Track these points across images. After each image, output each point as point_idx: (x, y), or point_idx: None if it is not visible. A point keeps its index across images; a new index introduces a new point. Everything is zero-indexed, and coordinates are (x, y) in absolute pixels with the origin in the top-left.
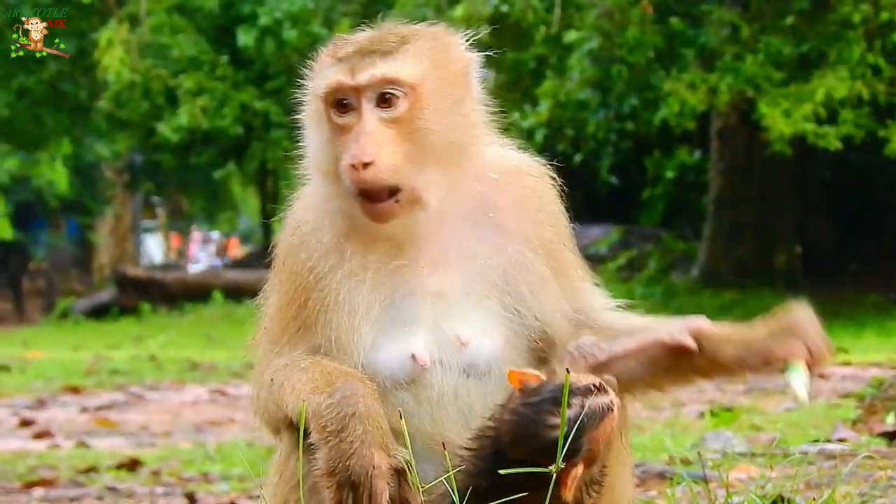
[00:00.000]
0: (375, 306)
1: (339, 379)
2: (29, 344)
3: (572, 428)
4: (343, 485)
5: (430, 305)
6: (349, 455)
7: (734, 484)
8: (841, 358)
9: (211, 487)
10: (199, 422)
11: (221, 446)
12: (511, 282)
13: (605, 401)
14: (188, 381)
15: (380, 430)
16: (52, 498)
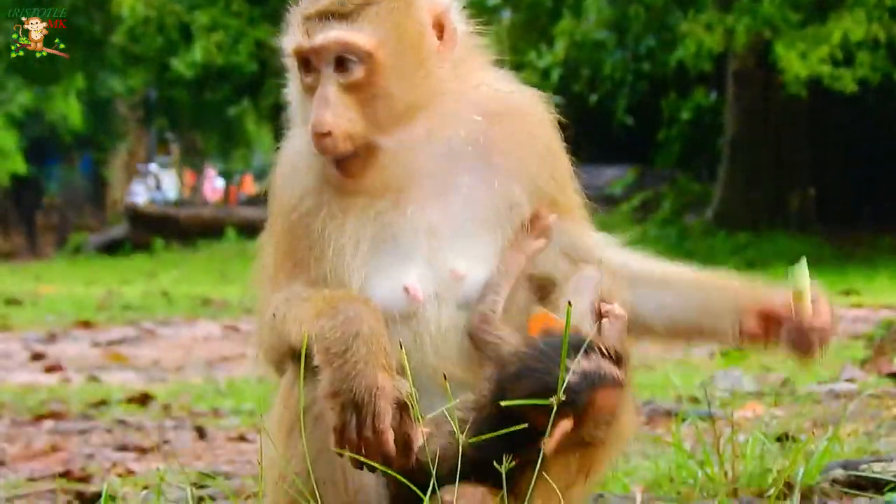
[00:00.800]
0: (367, 242)
1: (341, 302)
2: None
3: (581, 381)
4: (346, 406)
5: (423, 240)
6: (353, 376)
7: (741, 422)
8: (853, 300)
9: (221, 422)
10: (211, 357)
11: (232, 381)
12: (502, 217)
13: (616, 373)
14: (200, 317)
15: (384, 351)
16: (61, 430)
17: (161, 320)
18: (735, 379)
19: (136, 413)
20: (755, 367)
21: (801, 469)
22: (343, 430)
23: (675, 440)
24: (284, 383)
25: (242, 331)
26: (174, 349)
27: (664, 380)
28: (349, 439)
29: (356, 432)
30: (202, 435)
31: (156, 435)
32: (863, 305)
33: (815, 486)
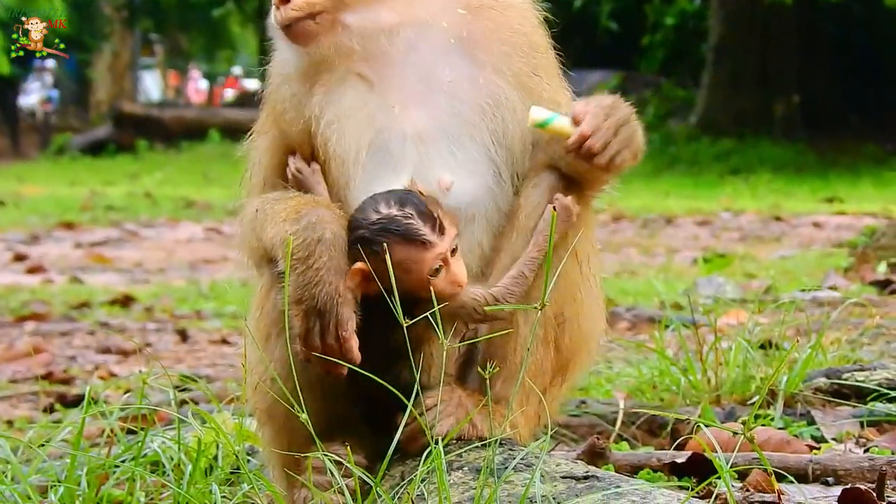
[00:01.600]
0: (360, 151)
1: (306, 206)
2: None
3: (374, 228)
4: (309, 313)
5: (412, 148)
6: (315, 283)
7: (724, 329)
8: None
9: (203, 324)
10: (194, 259)
11: (215, 284)
12: (487, 117)
13: (415, 229)
14: (183, 219)
15: (346, 256)
16: (43, 332)
17: (144, 222)
18: (718, 286)
19: (118, 315)
20: (738, 274)
21: (784, 377)
22: (307, 337)
23: (658, 347)
24: (261, 287)
25: (225, 233)
26: (157, 251)
27: (647, 286)
28: (314, 346)
29: (320, 339)
30: (184, 337)
31: (138, 337)
32: (846, 213)
33: (799, 395)
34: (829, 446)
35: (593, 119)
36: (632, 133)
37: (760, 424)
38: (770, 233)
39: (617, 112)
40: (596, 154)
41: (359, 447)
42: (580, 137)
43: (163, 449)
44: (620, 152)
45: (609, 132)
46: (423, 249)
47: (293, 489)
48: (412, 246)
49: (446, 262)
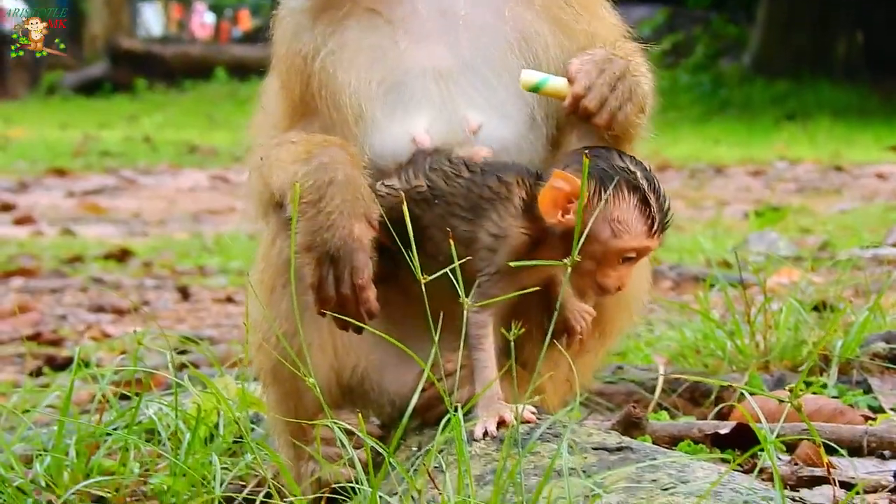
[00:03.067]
0: (374, 88)
1: (317, 146)
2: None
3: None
4: (322, 260)
5: (431, 83)
6: (326, 227)
7: (775, 289)
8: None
9: (206, 281)
10: (197, 210)
11: (220, 237)
12: (515, 53)
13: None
14: (186, 166)
15: (360, 199)
16: (31, 289)
17: (143, 169)
18: (770, 242)
19: (113, 271)
20: (793, 229)
21: (839, 342)
22: (320, 287)
23: (702, 308)
24: (266, 236)
25: (232, 181)
26: (157, 200)
27: (693, 242)
28: (327, 297)
29: (334, 289)
30: (185, 295)
31: (135, 295)
32: None
33: (854, 361)
34: (887, 417)
35: (585, 78)
36: (631, 87)
37: (811, 392)
38: (829, 184)
39: (612, 66)
40: (594, 113)
41: (373, 415)
42: (574, 98)
43: (159, 416)
44: (621, 108)
45: (604, 88)
46: (641, 225)
47: (300, 460)
48: (638, 214)
49: (636, 259)
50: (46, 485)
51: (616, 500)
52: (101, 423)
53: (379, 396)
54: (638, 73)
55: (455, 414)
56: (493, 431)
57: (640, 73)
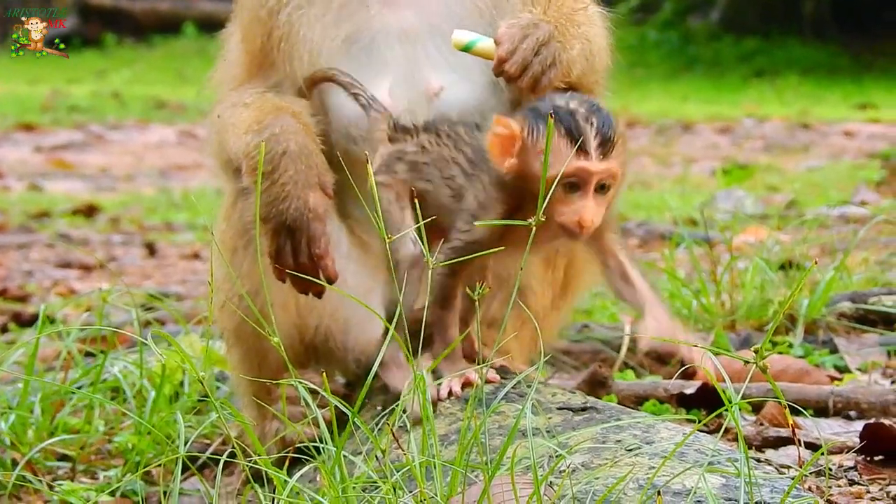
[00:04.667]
0: (337, 46)
1: (268, 115)
2: None
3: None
4: (279, 231)
5: (396, 46)
6: (282, 198)
7: (742, 248)
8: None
9: (174, 237)
10: (165, 166)
11: (188, 193)
12: (484, 18)
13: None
14: (154, 121)
15: (314, 168)
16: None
17: (111, 124)
18: (737, 200)
19: (80, 226)
20: (760, 187)
21: (804, 301)
22: (279, 256)
23: (668, 266)
24: (228, 197)
25: (200, 137)
26: (125, 156)
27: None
28: (286, 266)
29: (292, 258)
30: (152, 252)
31: (102, 251)
32: (881, 121)
33: (821, 320)
34: (853, 377)
35: (509, 42)
36: (555, 52)
37: (777, 352)
38: (797, 142)
39: (536, 31)
40: (516, 77)
41: (339, 373)
42: (499, 61)
43: (124, 374)
44: (544, 72)
45: (527, 53)
46: (567, 149)
47: (264, 419)
48: (564, 139)
49: (584, 188)
50: (11, 443)
51: (580, 461)
52: (66, 381)
53: (344, 355)
54: (566, 40)
55: (419, 372)
56: (457, 391)
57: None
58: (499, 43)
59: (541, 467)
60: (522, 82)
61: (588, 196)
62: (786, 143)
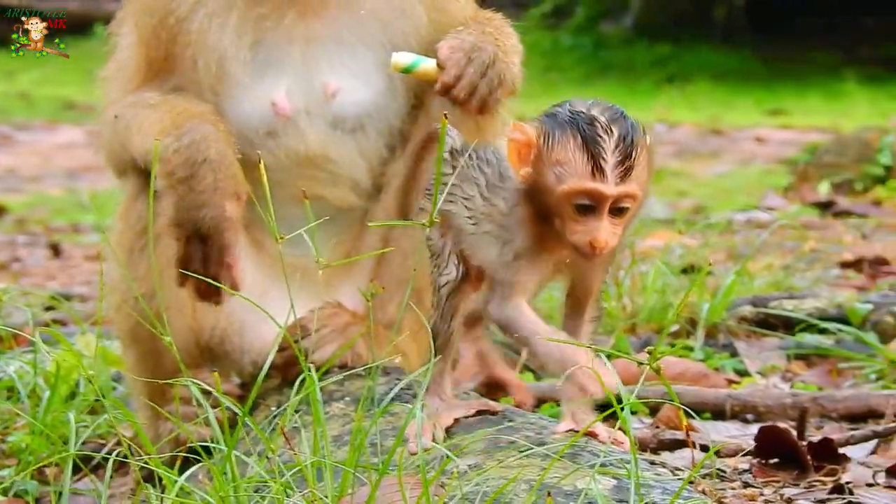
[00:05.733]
0: (242, 49)
1: (187, 121)
2: None
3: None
4: (191, 237)
5: (298, 51)
6: (199, 205)
7: (648, 251)
8: (781, 120)
9: (79, 238)
10: (73, 167)
11: (96, 194)
12: (388, 29)
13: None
14: (63, 122)
15: (232, 178)
16: None
17: (19, 124)
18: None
19: None
20: (669, 192)
21: (705, 305)
22: (186, 262)
23: None
24: (125, 198)
25: None
26: (32, 156)
27: None
28: (194, 272)
29: (202, 265)
30: (57, 253)
31: (6, 251)
32: (792, 127)
33: (721, 324)
34: (753, 380)
35: (455, 67)
36: (500, 72)
37: (678, 356)
38: (707, 147)
39: (481, 55)
40: (465, 101)
41: (235, 374)
42: (443, 87)
43: (19, 374)
44: (491, 93)
45: (474, 77)
46: (582, 165)
47: (158, 420)
48: (580, 153)
49: (599, 209)
50: None
51: (473, 462)
52: None
53: (240, 356)
54: (508, 58)
55: (310, 374)
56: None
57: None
58: (443, 67)
59: (432, 468)
60: (471, 106)
61: (602, 217)
62: (697, 148)
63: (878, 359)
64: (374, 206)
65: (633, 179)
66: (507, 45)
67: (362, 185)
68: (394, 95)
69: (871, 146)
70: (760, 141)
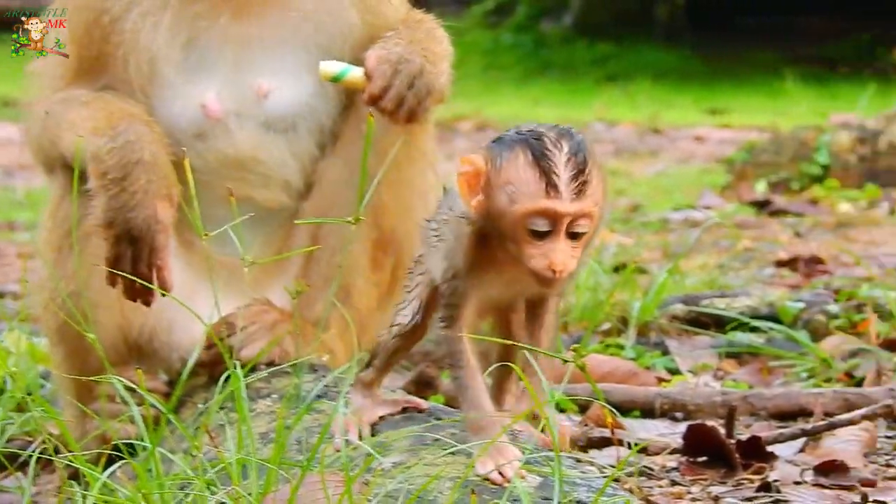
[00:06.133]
0: (174, 49)
1: (122, 121)
2: None
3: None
4: (121, 238)
5: (231, 51)
6: (131, 207)
7: None
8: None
9: (14, 236)
10: (9, 164)
11: (31, 192)
12: (320, 30)
13: None
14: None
15: (165, 180)
16: None
17: None
18: None
19: None
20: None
21: (637, 303)
22: (116, 263)
23: None
24: (54, 195)
25: None
26: None
27: None
28: (123, 272)
29: (131, 266)
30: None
31: None
32: (732, 126)
33: (653, 323)
34: (684, 379)
35: (381, 79)
36: (428, 82)
37: (609, 354)
38: (646, 146)
39: (408, 66)
40: (392, 112)
41: (163, 372)
42: (371, 98)
43: None
44: (420, 103)
45: (401, 88)
46: (534, 184)
47: (85, 417)
48: (531, 172)
49: (555, 230)
50: None
51: (396, 460)
52: None
53: (168, 354)
54: (436, 67)
55: (235, 371)
56: (508, 475)
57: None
58: (370, 78)
59: (357, 466)
60: (399, 116)
61: (559, 238)
62: (636, 147)
63: (809, 357)
64: (304, 205)
65: (589, 196)
66: (435, 52)
67: (293, 186)
68: (325, 96)
69: (808, 145)
70: (699, 140)
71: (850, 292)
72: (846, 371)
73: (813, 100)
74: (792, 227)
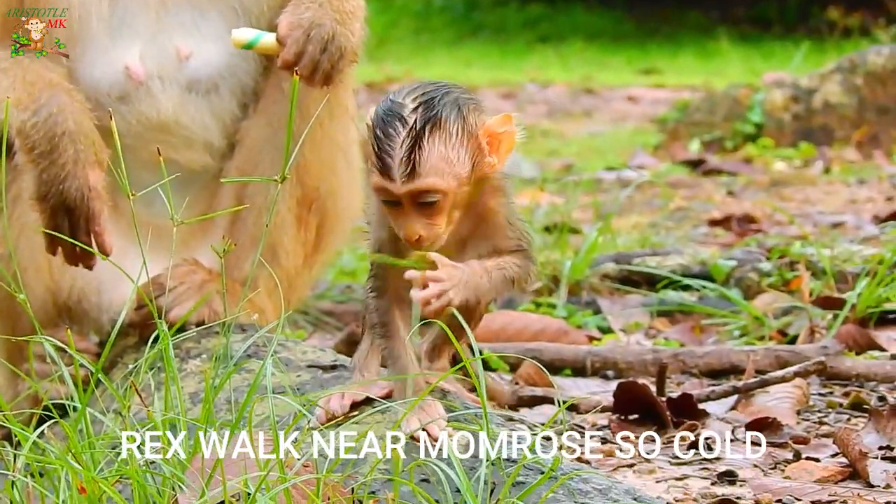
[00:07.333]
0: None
1: (43, 92)
2: None
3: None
4: (57, 209)
5: (150, 14)
6: (62, 178)
7: None
8: (654, 79)
9: None
10: None
11: None
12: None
13: None
14: None
15: (93, 147)
16: None
17: None
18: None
19: None
20: (540, 152)
21: (568, 262)
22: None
23: None
24: None
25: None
26: None
27: None
28: (62, 242)
29: (70, 235)
30: None
31: None
32: (665, 86)
33: (584, 281)
34: (614, 337)
35: (294, 45)
36: (340, 45)
37: (541, 313)
38: (580, 107)
39: (320, 30)
40: (307, 77)
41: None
42: (285, 64)
43: None
44: (334, 67)
45: (314, 53)
46: (378, 162)
47: (15, 378)
48: (375, 151)
49: (403, 205)
50: None
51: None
52: None
53: (98, 315)
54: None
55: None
56: (435, 435)
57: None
58: (282, 44)
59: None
60: (315, 81)
61: (408, 212)
62: (569, 108)
63: (741, 315)
64: (228, 165)
65: (429, 173)
66: (346, 11)
67: (216, 146)
68: (246, 57)
69: (741, 104)
70: (633, 100)
71: (783, 250)
72: (779, 329)
73: (747, 60)
74: (725, 186)
